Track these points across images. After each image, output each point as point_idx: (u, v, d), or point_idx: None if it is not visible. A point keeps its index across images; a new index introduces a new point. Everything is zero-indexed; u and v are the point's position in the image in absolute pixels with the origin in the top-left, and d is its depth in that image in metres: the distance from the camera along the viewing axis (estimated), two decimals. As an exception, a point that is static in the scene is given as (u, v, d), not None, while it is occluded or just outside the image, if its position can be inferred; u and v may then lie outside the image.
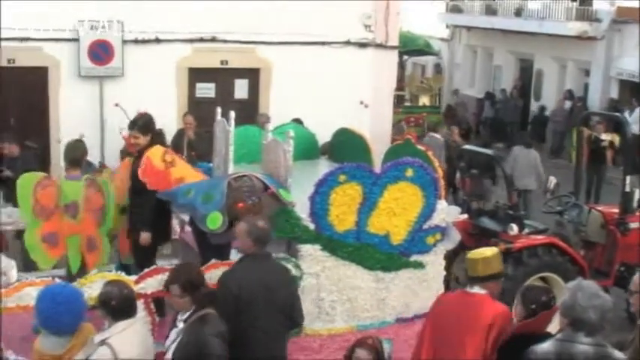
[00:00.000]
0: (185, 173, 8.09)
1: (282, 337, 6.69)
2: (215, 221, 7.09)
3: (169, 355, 6.04)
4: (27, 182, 7.76)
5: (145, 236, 8.04)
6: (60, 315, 5.73)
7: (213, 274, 6.75)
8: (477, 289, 6.27)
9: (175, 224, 9.07)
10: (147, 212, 7.99)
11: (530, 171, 15.04)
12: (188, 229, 8.47)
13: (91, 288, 6.41)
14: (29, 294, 6.42)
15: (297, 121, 13.62)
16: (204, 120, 13.07)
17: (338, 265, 7.43)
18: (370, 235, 7.47)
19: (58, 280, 6.62)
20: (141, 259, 7.99)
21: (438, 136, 15.61)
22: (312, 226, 7.27)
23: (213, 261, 7.01)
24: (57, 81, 14.95)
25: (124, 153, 11.74)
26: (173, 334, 6.13)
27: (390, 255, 7.60)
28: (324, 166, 8.92)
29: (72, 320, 5.81)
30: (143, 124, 8.22)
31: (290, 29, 14.95)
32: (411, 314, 7.88)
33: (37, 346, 5.85)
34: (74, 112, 14.61)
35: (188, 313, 6.03)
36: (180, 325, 6.06)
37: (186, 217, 8.17)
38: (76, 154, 8.49)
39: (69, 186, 7.86)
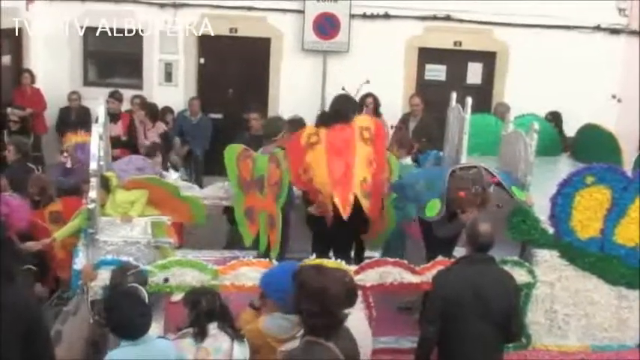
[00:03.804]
0: (315, 162, 7.57)
1: (493, 349, 6.36)
2: (433, 208, 7.11)
3: None
4: (230, 153, 8.34)
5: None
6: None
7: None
8: None
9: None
10: None
11: None
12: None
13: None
14: (245, 274, 6.67)
15: (554, 115, 13.32)
16: (432, 104, 13.07)
17: (577, 275, 7.23)
18: (616, 245, 7.20)
19: (274, 262, 6.80)
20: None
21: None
22: (551, 230, 7.11)
23: (439, 258, 6.98)
24: (279, 53, 15.39)
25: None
26: None
27: (638, 270, 7.28)
28: (566, 165, 8.83)
29: None
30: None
31: (531, 10, 14.50)
32: (655, 341, 7.56)
33: (260, 326, 5.98)
34: (294, 87, 15.03)
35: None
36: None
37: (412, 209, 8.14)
38: (272, 129, 8.87)
39: (261, 160, 8.11)
